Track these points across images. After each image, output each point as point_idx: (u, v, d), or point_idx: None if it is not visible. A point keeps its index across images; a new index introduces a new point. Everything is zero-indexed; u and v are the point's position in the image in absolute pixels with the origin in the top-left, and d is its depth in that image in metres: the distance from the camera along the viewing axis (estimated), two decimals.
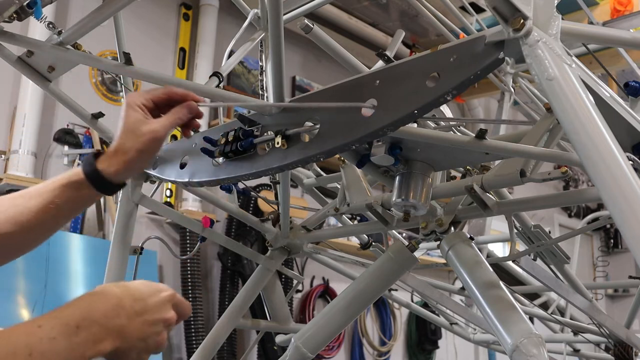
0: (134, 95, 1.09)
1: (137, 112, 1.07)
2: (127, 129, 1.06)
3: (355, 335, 5.25)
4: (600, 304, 6.56)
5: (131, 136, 1.06)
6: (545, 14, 0.89)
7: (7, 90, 3.66)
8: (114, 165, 1.07)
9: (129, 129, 1.06)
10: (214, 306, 4.35)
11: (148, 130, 1.06)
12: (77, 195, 1.08)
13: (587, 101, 0.82)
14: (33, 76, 1.35)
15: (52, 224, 1.11)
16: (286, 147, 1.14)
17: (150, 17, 4.36)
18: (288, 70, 3.49)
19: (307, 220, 1.80)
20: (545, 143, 1.14)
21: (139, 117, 1.06)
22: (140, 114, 1.07)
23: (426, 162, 1.23)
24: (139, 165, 1.10)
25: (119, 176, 1.08)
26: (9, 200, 1.08)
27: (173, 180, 1.38)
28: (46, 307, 3.20)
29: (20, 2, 1.12)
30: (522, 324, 1.14)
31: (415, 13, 4.85)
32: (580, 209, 7.84)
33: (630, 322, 2.05)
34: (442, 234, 1.36)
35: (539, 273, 1.54)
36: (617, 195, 0.76)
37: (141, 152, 1.06)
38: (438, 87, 0.95)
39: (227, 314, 1.77)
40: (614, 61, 3.75)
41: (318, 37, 1.23)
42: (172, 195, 4.24)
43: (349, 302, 1.39)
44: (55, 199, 1.07)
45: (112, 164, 1.07)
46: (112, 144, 1.09)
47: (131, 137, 1.06)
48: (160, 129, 1.07)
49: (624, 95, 1.35)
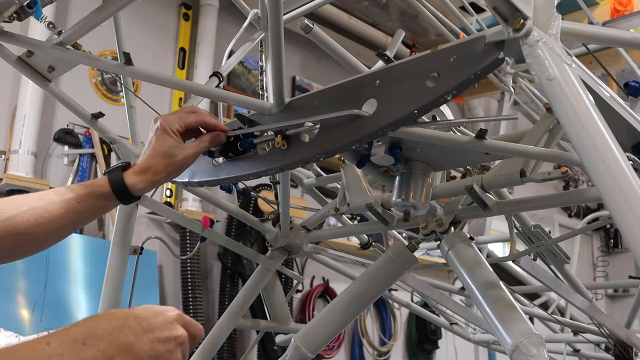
0: (168, 119, 1.14)
1: (172, 137, 1.14)
2: (162, 153, 1.13)
3: (355, 335, 5.25)
4: (600, 304, 6.56)
5: (166, 160, 1.13)
6: (545, 14, 0.89)
7: (7, 90, 3.66)
8: (143, 182, 1.13)
9: (164, 153, 1.13)
10: (214, 306, 4.35)
11: (182, 157, 1.14)
12: (100, 204, 1.14)
13: (587, 101, 0.82)
14: (33, 76, 1.35)
15: (68, 229, 1.14)
16: (286, 147, 1.14)
17: (150, 17, 4.36)
18: (288, 70, 3.49)
19: (307, 220, 1.80)
20: (545, 143, 1.14)
21: (174, 143, 1.14)
22: (175, 139, 1.14)
23: (426, 162, 1.23)
24: (163, 184, 1.20)
25: (143, 192, 1.15)
26: (23, 200, 1.10)
27: (173, 180, 1.38)
28: (46, 307, 3.20)
29: (20, 2, 1.12)
30: (522, 324, 1.14)
31: (415, 13, 4.85)
32: (580, 209, 7.84)
33: (630, 322, 2.05)
34: (442, 234, 1.36)
35: (539, 273, 1.54)
36: (617, 195, 0.76)
37: (170, 174, 1.15)
38: (438, 87, 0.95)
39: (227, 314, 1.77)
40: (614, 61, 3.76)
41: (318, 37, 1.23)
42: (172, 195, 4.24)
43: (349, 302, 1.39)
44: (78, 206, 1.11)
45: (141, 181, 1.13)
46: (142, 162, 1.14)
47: (165, 161, 1.13)
48: (192, 155, 1.15)
49: (624, 95, 1.35)
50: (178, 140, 1.14)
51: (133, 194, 1.14)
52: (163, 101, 4.33)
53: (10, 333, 2.89)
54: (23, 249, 1.10)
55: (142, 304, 0.86)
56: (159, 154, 1.13)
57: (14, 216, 1.06)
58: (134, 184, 1.13)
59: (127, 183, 1.12)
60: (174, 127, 1.14)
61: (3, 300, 3.11)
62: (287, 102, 1.20)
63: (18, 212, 1.07)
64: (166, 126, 1.13)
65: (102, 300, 1.61)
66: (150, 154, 1.14)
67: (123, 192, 1.13)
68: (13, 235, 1.06)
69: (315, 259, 2.00)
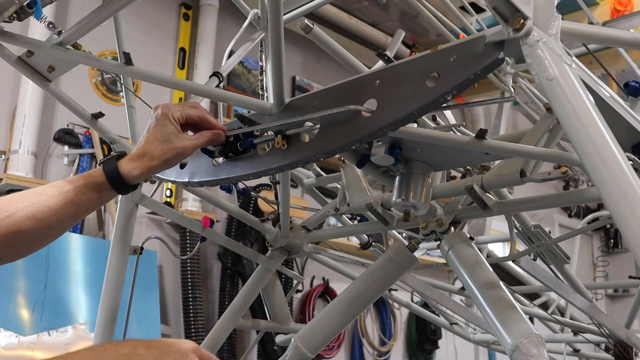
0: (170, 108, 1.14)
1: (173, 124, 1.12)
2: (160, 138, 1.11)
3: (355, 335, 5.25)
4: (600, 304, 6.56)
5: (163, 146, 1.11)
6: (545, 14, 0.89)
7: (7, 90, 3.66)
8: (138, 168, 1.11)
9: (162, 138, 1.11)
10: (214, 306, 4.35)
11: (180, 145, 1.12)
12: (96, 195, 1.12)
13: (587, 101, 0.82)
14: (33, 76, 1.35)
15: (69, 221, 1.13)
16: (286, 147, 1.14)
17: (150, 17, 4.36)
18: (288, 70, 3.49)
19: (307, 220, 1.80)
20: (545, 143, 1.14)
21: (173, 129, 1.12)
22: (175, 127, 1.13)
23: (426, 162, 1.23)
24: (158, 172, 1.16)
25: (138, 179, 1.13)
26: (22, 197, 1.10)
27: (173, 180, 1.38)
28: (46, 307, 3.20)
29: (20, 2, 1.12)
30: (522, 324, 1.14)
31: (415, 13, 4.85)
32: (580, 209, 7.83)
33: (630, 322, 2.05)
34: (442, 234, 1.36)
35: (539, 273, 1.54)
36: (617, 195, 0.76)
37: (167, 162, 1.12)
38: (438, 87, 0.95)
39: (227, 314, 1.77)
40: (614, 61, 3.75)
41: (318, 37, 1.23)
42: (172, 195, 4.24)
43: (349, 302, 1.39)
44: (75, 198, 1.10)
45: (136, 167, 1.11)
46: (139, 148, 1.12)
47: (163, 146, 1.11)
48: (190, 146, 1.13)
49: (624, 95, 1.35)
50: (178, 128, 1.13)
51: (128, 182, 1.12)
52: (163, 101, 4.30)
53: (10, 333, 2.90)
54: (25, 246, 1.10)
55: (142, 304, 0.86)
56: (157, 139, 1.11)
57: (13, 214, 1.06)
58: (129, 170, 1.11)
59: (122, 171, 1.10)
60: (176, 115, 1.13)
61: (3, 300, 3.11)
62: (287, 102, 1.20)
63: (17, 210, 1.06)
64: (167, 113, 1.12)
65: (102, 300, 1.61)
66: (147, 139, 1.12)
67: (118, 180, 1.11)
68: (14, 233, 1.05)
69: (315, 259, 2.00)
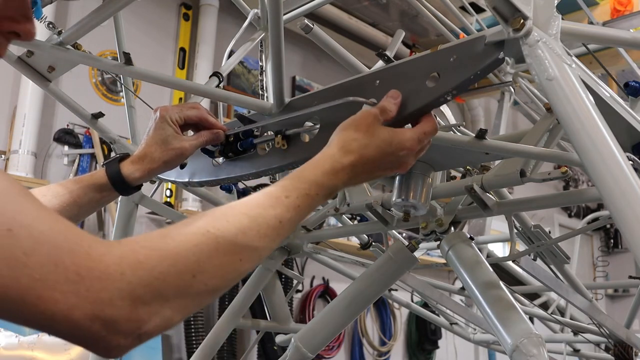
0: (168, 110, 1.16)
1: (171, 126, 1.15)
2: (160, 141, 1.14)
3: (355, 335, 5.25)
4: (600, 304, 6.57)
5: (162, 148, 1.14)
6: (545, 14, 0.88)
7: (7, 90, 3.67)
8: (139, 171, 1.14)
9: (161, 141, 1.14)
10: (214, 306, 4.35)
11: (179, 146, 1.14)
12: (98, 196, 1.15)
13: (587, 101, 0.81)
14: (33, 76, 1.35)
15: (73, 221, 1.13)
16: (286, 147, 1.14)
17: (150, 17, 4.36)
18: (288, 70, 3.49)
19: (307, 220, 1.79)
20: (545, 143, 1.14)
21: (171, 132, 1.15)
22: (174, 129, 1.15)
23: (426, 162, 1.23)
24: (159, 173, 1.19)
25: (140, 181, 1.16)
26: None
27: (173, 180, 1.38)
28: None
29: None
30: (522, 324, 1.14)
31: (415, 13, 4.85)
32: (580, 209, 7.83)
33: (630, 322, 2.05)
34: (442, 234, 1.36)
35: (539, 273, 1.54)
36: (617, 195, 0.76)
37: (167, 163, 1.15)
38: (438, 87, 0.94)
39: (227, 314, 1.77)
40: (614, 61, 3.75)
41: (318, 37, 1.23)
42: (172, 195, 4.24)
43: (349, 302, 1.39)
44: (77, 199, 1.12)
45: (137, 170, 1.14)
46: (140, 150, 1.15)
47: (162, 148, 1.14)
48: (189, 147, 1.16)
49: (624, 95, 1.35)
50: (176, 130, 1.15)
51: (130, 184, 1.15)
52: (163, 101, 4.33)
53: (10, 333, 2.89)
54: None
55: None
56: (157, 141, 1.14)
57: None
58: (130, 173, 1.14)
59: (124, 173, 1.14)
60: (174, 117, 1.15)
61: None
62: (287, 102, 1.20)
63: None
64: (165, 115, 1.15)
65: None
66: (147, 142, 1.15)
67: (120, 182, 1.14)
68: None
69: (315, 259, 2.00)
